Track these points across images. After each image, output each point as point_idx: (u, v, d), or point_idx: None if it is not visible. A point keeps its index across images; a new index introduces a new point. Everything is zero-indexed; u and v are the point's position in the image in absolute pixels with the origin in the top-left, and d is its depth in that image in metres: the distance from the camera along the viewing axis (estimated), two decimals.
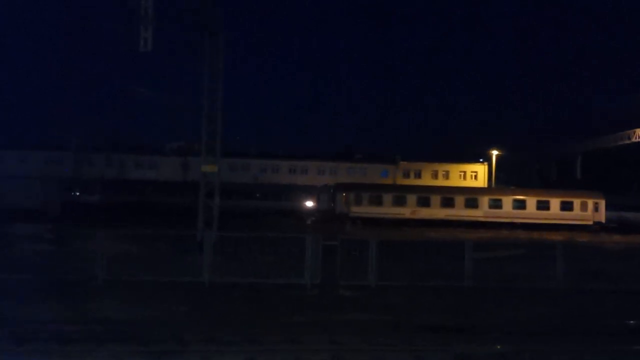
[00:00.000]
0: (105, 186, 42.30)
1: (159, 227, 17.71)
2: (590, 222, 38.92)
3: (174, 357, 7.72)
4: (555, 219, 38.65)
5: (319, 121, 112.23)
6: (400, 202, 39.28)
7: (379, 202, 39.28)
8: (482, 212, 39.08)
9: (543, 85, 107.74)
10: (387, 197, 39.56)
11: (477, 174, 57.05)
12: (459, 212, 38.79)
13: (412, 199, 39.37)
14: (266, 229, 21.72)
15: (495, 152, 53.56)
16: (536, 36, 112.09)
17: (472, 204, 39.35)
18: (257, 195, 43.22)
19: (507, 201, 39.53)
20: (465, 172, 57.18)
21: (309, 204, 42.45)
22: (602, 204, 39.79)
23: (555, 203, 39.46)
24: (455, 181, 55.26)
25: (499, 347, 8.58)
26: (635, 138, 47.16)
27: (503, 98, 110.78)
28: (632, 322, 10.54)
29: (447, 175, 56.58)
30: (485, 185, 54.20)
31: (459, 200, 39.45)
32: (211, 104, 18.94)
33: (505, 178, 54.80)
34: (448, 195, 39.96)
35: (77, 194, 40.74)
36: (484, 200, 39.60)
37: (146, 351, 7.84)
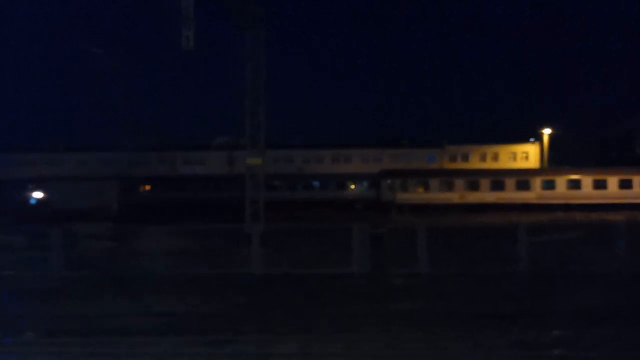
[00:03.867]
0: (158, 183, 43.80)
1: (209, 221, 18.19)
2: None
3: (231, 347, 7.95)
4: (613, 198, 36.88)
5: (363, 108, 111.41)
6: (448, 187, 38.56)
7: (425, 188, 38.72)
8: (535, 194, 37.81)
9: (597, 59, 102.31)
10: (434, 183, 38.93)
11: (528, 155, 55.00)
12: (510, 194, 37.68)
13: (460, 183, 38.57)
14: (312, 219, 21.88)
15: (547, 131, 51.41)
16: (595, 8, 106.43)
17: (524, 185, 38.11)
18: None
19: (562, 181, 38.05)
20: (515, 153, 55.23)
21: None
22: None
23: (613, 181, 37.63)
24: (505, 163, 53.51)
25: (558, 332, 8.34)
26: None
27: (555, 74, 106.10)
28: None
29: (496, 157, 54.84)
30: (538, 166, 52.28)
31: (510, 182, 38.31)
32: (254, 98, 19.20)
33: (560, 157, 52.57)
34: (498, 178, 38.88)
35: (140, 192, 42.39)
36: (537, 182, 38.28)
37: (206, 341, 8.13)
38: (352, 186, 43.83)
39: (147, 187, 44.35)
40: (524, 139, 55.71)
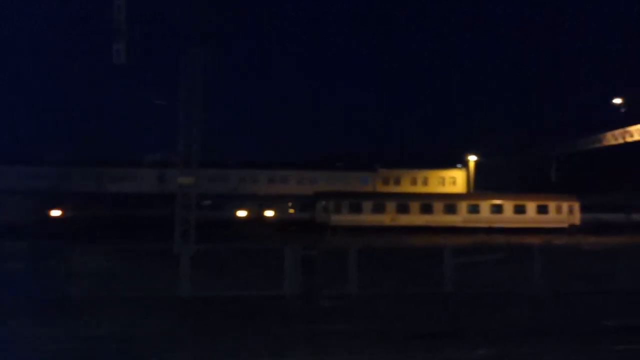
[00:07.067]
0: (83, 200, 41.59)
1: (137, 241, 17.50)
2: (566, 225, 39.77)
3: None
4: (531, 222, 39.36)
5: (298, 130, 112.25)
6: (379, 209, 39.52)
7: (358, 210, 39.45)
8: (461, 217, 39.58)
9: (520, 89, 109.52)
10: (367, 205, 39.77)
11: (455, 180, 57.64)
12: (438, 218, 39.21)
13: (391, 206, 39.65)
14: (245, 240, 21.61)
15: (472, 158, 54.31)
16: (513, 43, 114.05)
17: (450, 209, 39.82)
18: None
19: (485, 206, 40.12)
20: (444, 178, 57.74)
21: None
22: (577, 206, 40.72)
23: (531, 207, 40.22)
24: (434, 187, 55.73)
25: (482, 350, 8.68)
26: (606, 141, 48.39)
27: (481, 103, 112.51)
28: (609, 322, 10.76)
29: (425, 182, 57.04)
30: (464, 191, 54.85)
31: (438, 206, 39.89)
32: (187, 115, 18.85)
33: (485, 183, 55.50)
34: (427, 202, 40.37)
35: (56, 209, 40.09)
36: (462, 206, 40.12)
37: None
38: (290, 207, 43.86)
39: (72, 204, 41.96)
40: (452, 165, 58.43)
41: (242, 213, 42.23)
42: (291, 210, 43.29)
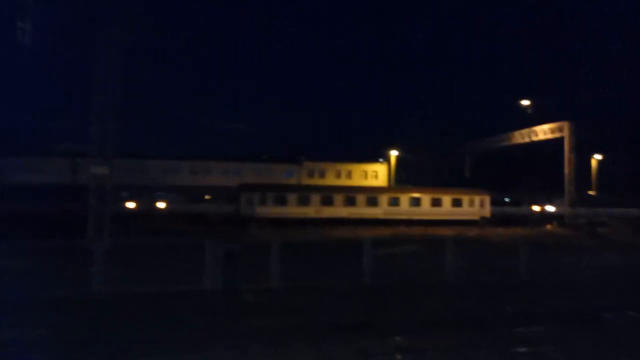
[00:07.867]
0: None
1: (46, 236, 16.34)
2: (477, 217, 42.34)
3: None
4: (447, 215, 41.50)
5: (224, 122, 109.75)
6: (304, 201, 39.81)
7: (283, 202, 39.49)
8: (382, 210, 40.86)
9: (439, 87, 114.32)
10: (292, 197, 39.91)
11: (377, 174, 59.30)
12: (361, 210, 40.22)
13: (316, 198, 40.08)
14: (165, 234, 20.89)
15: (394, 152, 56.15)
16: (435, 39, 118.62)
17: (372, 202, 40.99)
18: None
19: (405, 199, 41.71)
20: (366, 171, 59.19)
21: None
22: (487, 200, 43.46)
23: (447, 200, 42.38)
24: (357, 180, 56.98)
25: (398, 340, 9.03)
26: (514, 140, 51.92)
27: (403, 98, 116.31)
28: (510, 309, 11.61)
29: (349, 175, 58.17)
30: (386, 184, 56.63)
31: (361, 199, 40.89)
32: (102, 101, 17.83)
33: (405, 177, 57.61)
34: (350, 195, 41.25)
35: None
36: (384, 199, 41.43)
37: None
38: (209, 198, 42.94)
39: None
40: (374, 159, 60.04)
41: (161, 205, 40.79)
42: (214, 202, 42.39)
